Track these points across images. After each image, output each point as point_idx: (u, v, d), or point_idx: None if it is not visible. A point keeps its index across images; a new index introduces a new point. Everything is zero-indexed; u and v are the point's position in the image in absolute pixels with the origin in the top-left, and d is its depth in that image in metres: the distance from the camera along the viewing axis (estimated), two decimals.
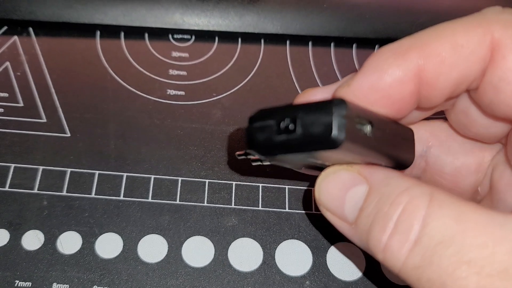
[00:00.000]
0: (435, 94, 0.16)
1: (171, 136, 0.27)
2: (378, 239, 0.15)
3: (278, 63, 0.30)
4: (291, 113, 0.15)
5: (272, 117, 0.15)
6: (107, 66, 0.29)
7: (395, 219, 0.15)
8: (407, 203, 0.15)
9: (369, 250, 0.16)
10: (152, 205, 0.24)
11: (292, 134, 0.15)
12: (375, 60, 0.16)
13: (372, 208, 0.15)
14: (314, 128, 0.14)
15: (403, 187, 0.15)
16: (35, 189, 0.25)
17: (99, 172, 0.25)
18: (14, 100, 0.27)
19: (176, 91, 0.29)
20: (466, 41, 0.16)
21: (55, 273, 0.22)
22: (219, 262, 0.23)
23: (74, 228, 0.24)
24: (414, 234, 0.14)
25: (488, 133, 0.18)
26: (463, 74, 0.16)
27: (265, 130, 0.15)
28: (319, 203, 0.17)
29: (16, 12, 0.30)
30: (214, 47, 0.31)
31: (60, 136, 0.26)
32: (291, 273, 0.23)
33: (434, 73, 0.16)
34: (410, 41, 0.16)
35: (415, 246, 0.14)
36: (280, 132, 0.15)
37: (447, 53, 0.16)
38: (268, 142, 0.15)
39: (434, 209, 0.14)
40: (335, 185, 0.17)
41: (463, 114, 0.18)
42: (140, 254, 0.23)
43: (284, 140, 0.15)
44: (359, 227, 0.16)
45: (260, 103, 0.28)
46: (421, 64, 0.16)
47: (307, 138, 0.14)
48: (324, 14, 0.31)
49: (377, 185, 0.16)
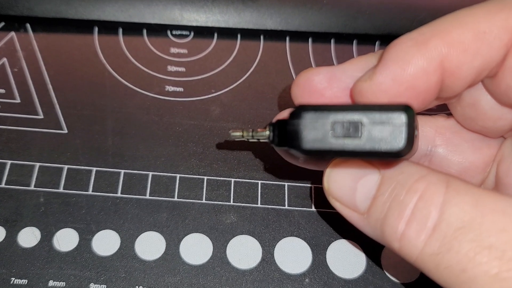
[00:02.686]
0: (457, 83, 0.16)
1: (169, 133, 0.27)
2: (394, 227, 0.15)
3: (278, 60, 0.30)
4: (354, 115, 0.14)
5: (326, 117, 0.14)
6: (105, 62, 0.29)
7: (412, 207, 0.14)
8: (424, 190, 0.14)
9: (384, 239, 0.15)
10: (150, 202, 0.24)
11: (354, 139, 0.14)
12: (396, 51, 0.16)
13: (386, 196, 0.15)
14: (381, 136, 0.13)
15: (419, 175, 0.15)
16: (31, 186, 0.24)
17: (96, 169, 0.25)
18: (11, 96, 0.27)
19: (175, 87, 0.28)
20: (489, 27, 0.15)
21: (52, 271, 0.22)
22: (218, 260, 0.23)
23: (71, 225, 0.23)
24: (432, 221, 0.14)
25: (495, 126, 0.18)
26: (486, 61, 0.15)
27: (316, 130, 0.14)
28: (328, 193, 0.17)
29: (13, 8, 0.30)
30: (213, 43, 0.30)
31: (57, 133, 0.26)
32: (291, 271, 0.23)
33: (458, 62, 0.15)
34: (431, 29, 0.15)
35: (434, 232, 0.14)
36: (338, 134, 0.14)
37: (470, 40, 0.15)
38: (319, 144, 0.14)
39: (451, 196, 0.14)
40: (346, 175, 0.16)
41: (470, 107, 0.18)
42: (137, 251, 0.23)
43: (343, 144, 0.14)
44: (372, 216, 0.15)
45: (259, 99, 0.28)
46: (444, 52, 0.15)
47: (372, 146, 0.13)
48: (324, 10, 0.30)
49: (391, 173, 0.15)
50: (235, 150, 0.26)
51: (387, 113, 0.13)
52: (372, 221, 0.15)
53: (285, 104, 0.28)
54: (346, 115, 0.14)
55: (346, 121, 0.14)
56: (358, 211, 0.16)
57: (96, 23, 0.30)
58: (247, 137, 0.18)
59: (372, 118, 0.13)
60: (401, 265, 0.23)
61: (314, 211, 0.24)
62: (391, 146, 0.13)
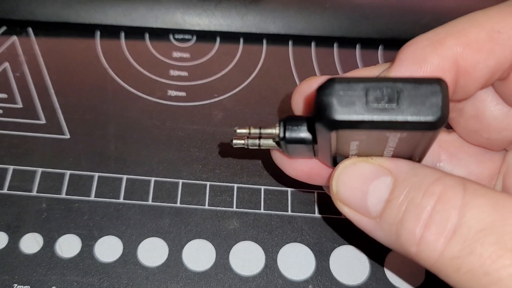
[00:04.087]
0: (472, 83, 0.16)
1: (171, 138, 0.26)
2: (411, 231, 0.14)
3: (281, 64, 0.30)
4: (388, 84, 0.13)
5: (359, 86, 0.13)
6: (107, 67, 0.29)
7: (430, 210, 0.14)
8: (441, 192, 0.14)
9: (400, 243, 0.15)
10: (152, 208, 0.24)
11: (389, 109, 0.13)
12: (411, 50, 0.15)
13: (402, 199, 0.15)
14: (417, 106, 0.13)
15: (435, 177, 0.14)
16: (34, 192, 0.24)
17: (99, 174, 0.25)
18: (13, 101, 0.27)
19: (177, 92, 0.28)
20: (503, 27, 0.15)
21: (54, 277, 0.22)
22: (221, 266, 0.23)
23: (73, 231, 0.23)
24: (452, 223, 0.14)
25: (500, 137, 0.18)
26: (500, 61, 0.16)
27: (349, 99, 0.13)
28: (337, 197, 0.17)
29: (15, 12, 0.29)
30: (216, 48, 0.30)
31: (59, 138, 0.26)
32: (294, 277, 0.23)
33: (472, 62, 0.15)
34: (446, 29, 0.16)
35: (454, 235, 0.14)
36: (372, 104, 0.13)
37: (485, 40, 0.15)
38: (353, 113, 0.13)
39: (470, 198, 0.14)
40: (357, 177, 0.16)
41: (474, 119, 0.18)
42: (140, 257, 0.23)
43: (378, 113, 0.13)
44: (386, 220, 0.15)
45: (262, 104, 0.28)
46: (459, 52, 0.15)
47: (408, 116, 0.13)
48: (327, 14, 0.30)
49: (404, 176, 0.15)
50: (238, 156, 0.26)
51: (422, 84, 0.13)
52: (385, 225, 0.15)
53: (288, 108, 0.28)
54: (381, 84, 0.13)
55: (380, 89, 0.13)
56: (369, 216, 0.16)
57: (98, 27, 0.30)
58: (254, 134, 0.18)
59: (407, 88, 0.13)
60: (405, 271, 0.23)
61: (318, 217, 0.24)
62: (427, 116, 0.13)
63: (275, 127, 0.17)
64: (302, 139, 0.17)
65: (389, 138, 0.14)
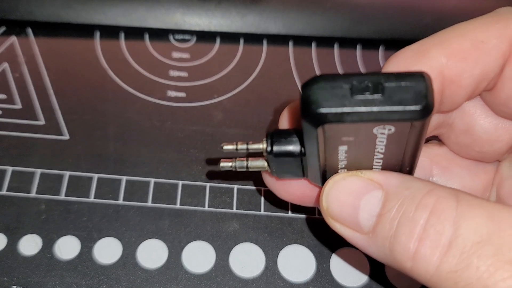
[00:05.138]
0: (458, 93, 0.16)
1: (171, 139, 0.26)
2: (405, 245, 0.14)
3: (281, 64, 0.30)
4: (373, 77, 0.13)
5: (344, 79, 0.13)
6: (106, 67, 0.29)
7: (424, 223, 0.14)
8: (435, 204, 0.14)
9: (394, 258, 0.15)
10: (152, 209, 0.24)
11: (374, 100, 0.13)
12: (397, 61, 0.16)
13: (394, 213, 0.14)
14: (402, 96, 0.13)
15: (427, 189, 0.14)
16: (33, 193, 0.24)
17: (98, 175, 0.25)
18: (12, 102, 0.27)
19: (177, 92, 0.28)
20: (486, 37, 0.15)
21: (53, 279, 0.22)
22: (220, 268, 0.23)
23: (73, 233, 0.23)
24: (446, 237, 0.13)
25: (492, 149, 0.18)
26: (485, 70, 0.16)
27: (334, 92, 0.13)
28: (327, 213, 0.16)
29: (14, 12, 0.29)
30: (216, 48, 0.30)
31: (58, 139, 0.26)
32: (294, 279, 0.23)
33: (457, 71, 0.15)
34: (430, 40, 0.16)
35: (450, 249, 0.13)
36: (358, 96, 0.13)
37: (469, 49, 0.15)
38: (339, 106, 0.13)
39: (464, 209, 0.13)
40: (347, 192, 0.16)
41: (465, 133, 0.18)
42: (139, 259, 0.23)
43: (364, 104, 0.13)
44: (379, 235, 0.15)
45: (262, 105, 0.28)
46: (444, 62, 0.15)
47: (395, 105, 0.13)
48: (327, 14, 0.30)
49: (395, 189, 0.15)
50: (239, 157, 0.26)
51: (406, 76, 0.13)
52: (378, 240, 0.15)
53: None
54: (365, 77, 0.13)
55: (365, 82, 0.13)
56: (362, 231, 0.15)
57: (97, 27, 0.30)
58: (241, 150, 0.18)
59: (392, 80, 0.13)
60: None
61: (318, 219, 0.24)
62: (413, 104, 0.13)
63: (262, 142, 0.17)
64: (290, 152, 0.17)
65: (377, 139, 0.14)
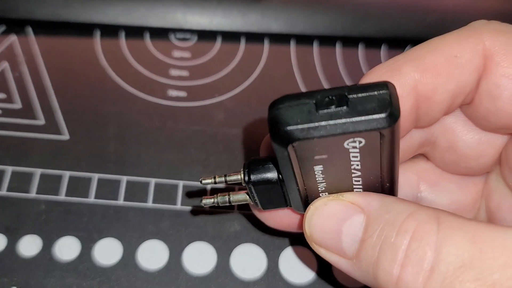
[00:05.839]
0: (433, 108, 0.16)
1: (172, 139, 0.26)
2: (388, 272, 0.14)
3: (282, 63, 0.30)
4: (336, 91, 0.13)
5: (309, 96, 0.13)
6: (107, 66, 0.29)
7: (405, 248, 0.14)
8: (415, 229, 0.14)
9: (378, 284, 0.14)
10: (153, 210, 0.24)
11: (340, 112, 0.13)
12: (371, 78, 0.16)
13: (376, 239, 0.14)
14: (368, 106, 0.13)
15: (407, 212, 0.14)
16: (33, 193, 0.24)
17: (99, 176, 0.25)
18: (12, 101, 0.27)
19: (178, 91, 0.28)
20: (460, 51, 0.15)
21: (53, 280, 0.22)
22: (221, 269, 0.22)
23: (73, 233, 0.23)
24: (428, 262, 0.13)
25: (478, 164, 0.18)
26: (460, 85, 0.16)
27: (300, 110, 0.13)
28: (311, 240, 0.16)
29: (14, 11, 0.29)
30: (217, 47, 0.30)
31: (58, 138, 0.26)
32: (296, 280, 0.22)
33: (432, 86, 0.15)
34: (404, 56, 0.16)
35: (432, 274, 0.13)
36: (323, 110, 0.13)
37: (442, 64, 0.15)
38: (305, 122, 0.13)
39: (445, 233, 0.13)
40: (329, 218, 0.15)
41: (449, 150, 0.18)
42: (140, 260, 0.23)
43: (330, 116, 0.13)
44: (362, 261, 0.15)
45: (263, 104, 0.28)
46: (417, 78, 0.15)
47: (360, 115, 0.13)
48: (329, 13, 0.30)
49: (376, 213, 0.15)
50: (239, 157, 0.26)
51: (369, 87, 0.13)
52: (363, 266, 0.15)
53: None
54: (329, 92, 0.13)
55: (329, 96, 0.13)
56: (346, 256, 0.15)
57: (98, 26, 0.30)
58: (219, 182, 0.18)
59: (356, 92, 0.13)
60: None
61: None
62: (377, 112, 0.13)
63: (239, 172, 0.17)
64: (268, 180, 0.16)
65: (351, 154, 0.14)
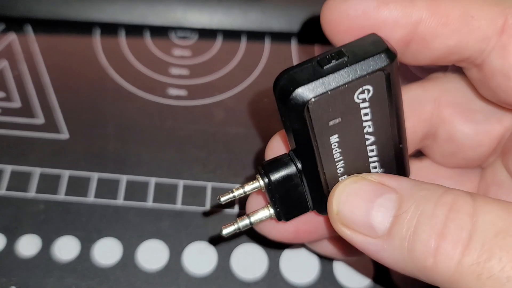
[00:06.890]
0: (424, 53, 0.16)
1: (172, 138, 0.26)
2: (426, 243, 0.14)
3: (284, 62, 0.29)
4: (333, 48, 0.14)
5: (309, 60, 0.14)
6: (106, 65, 0.29)
7: (444, 219, 0.14)
8: (453, 201, 0.14)
9: (413, 258, 0.14)
10: (152, 209, 0.24)
11: (342, 61, 0.14)
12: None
13: (412, 213, 0.14)
14: (366, 48, 0.14)
15: (442, 189, 0.14)
16: (32, 192, 0.24)
17: (98, 175, 0.24)
18: (11, 100, 0.27)
19: (178, 90, 0.28)
20: (478, 15, 0.15)
21: (52, 280, 0.22)
22: (222, 269, 0.22)
23: (72, 233, 0.23)
24: (467, 230, 0.13)
25: (476, 154, 0.18)
26: (461, 45, 0.15)
27: (304, 71, 0.14)
28: (337, 218, 0.16)
29: (13, 9, 0.29)
30: (217, 45, 0.30)
31: (58, 137, 0.26)
32: (297, 281, 0.22)
33: (434, 32, 0.15)
34: None
35: (470, 241, 0.13)
36: (325, 65, 0.14)
37: (455, 18, 0.15)
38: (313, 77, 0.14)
39: (481, 204, 0.14)
40: (359, 196, 0.15)
41: (448, 141, 0.18)
42: (139, 260, 0.22)
43: (335, 67, 0.14)
44: (396, 236, 0.14)
45: (264, 103, 0.28)
46: (423, 17, 0.15)
47: (362, 58, 0.14)
48: None
49: (410, 192, 0.15)
50: (240, 156, 0.26)
51: (362, 38, 0.14)
52: (395, 241, 0.14)
53: None
54: (326, 52, 0.14)
55: (328, 54, 0.14)
56: (375, 235, 0.15)
57: (98, 24, 0.30)
58: (239, 195, 0.18)
59: (351, 45, 0.14)
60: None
61: None
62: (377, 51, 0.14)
63: (256, 180, 0.17)
64: (288, 175, 0.17)
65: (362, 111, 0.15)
